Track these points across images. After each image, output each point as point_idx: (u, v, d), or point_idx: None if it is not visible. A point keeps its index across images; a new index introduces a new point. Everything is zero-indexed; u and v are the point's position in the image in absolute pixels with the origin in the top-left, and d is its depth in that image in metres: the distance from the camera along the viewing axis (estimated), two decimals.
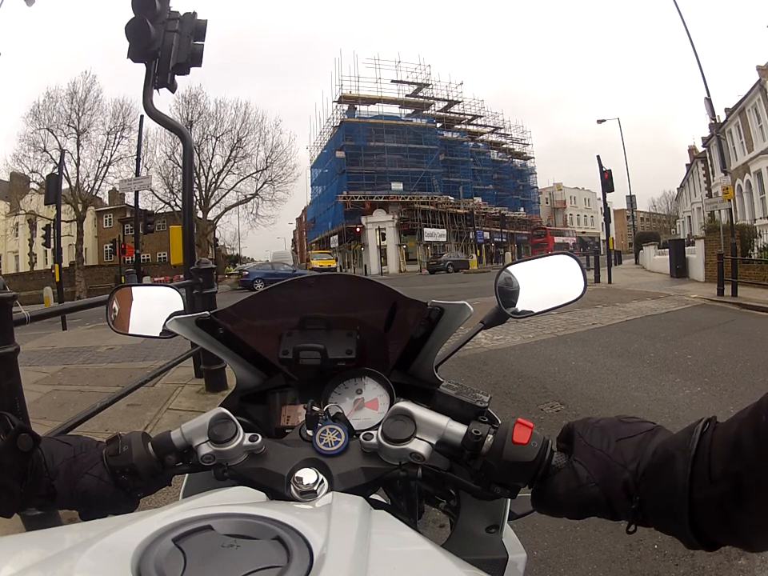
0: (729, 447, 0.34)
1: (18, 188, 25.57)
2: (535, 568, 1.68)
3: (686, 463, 0.36)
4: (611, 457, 0.42)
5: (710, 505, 0.34)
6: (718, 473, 0.34)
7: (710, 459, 0.35)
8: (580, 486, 0.42)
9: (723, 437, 0.35)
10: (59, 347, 6.79)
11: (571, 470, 0.44)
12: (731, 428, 0.34)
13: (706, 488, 0.34)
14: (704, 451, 0.35)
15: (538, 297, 0.82)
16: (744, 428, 0.33)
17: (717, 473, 0.34)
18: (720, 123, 16.11)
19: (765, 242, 10.74)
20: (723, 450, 0.34)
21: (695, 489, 0.35)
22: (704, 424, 0.37)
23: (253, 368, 0.74)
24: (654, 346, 5.13)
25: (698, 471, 0.35)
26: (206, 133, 29.36)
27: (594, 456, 0.43)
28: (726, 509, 0.34)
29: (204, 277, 3.82)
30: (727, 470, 0.33)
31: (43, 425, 2.69)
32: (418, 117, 34.25)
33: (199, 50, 3.87)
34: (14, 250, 32.01)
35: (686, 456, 0.36)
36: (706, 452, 0.35)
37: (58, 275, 11.25)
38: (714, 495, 0.34)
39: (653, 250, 18.35)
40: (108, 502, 0.50)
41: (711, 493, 0.34)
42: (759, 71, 17.64)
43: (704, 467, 0.35)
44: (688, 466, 0.35)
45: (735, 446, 0.33)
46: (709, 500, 0.34)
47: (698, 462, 0.35)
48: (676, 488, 0.36)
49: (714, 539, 0.36)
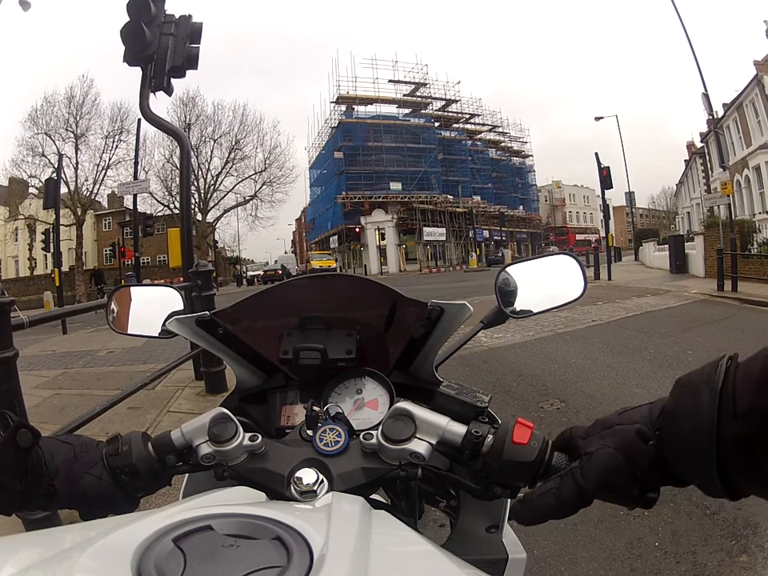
0: (754, 382, 0.32)
1: (16, 193, 25.51)
2: (535, 567, 1.67)
3: (712, 396, 0.34)
4: (618, 422, 0.41)
5: (735, 443, 0.33)
6: (744, 408, 0.32)
7: (734, 395, 0.33)
8: (590, 453, 0.40)
9: (747, 372, 0.33)
10: (60, 351, 6.79)
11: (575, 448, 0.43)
12: (755, 363, 0.33)
13: (731, 424, 0.33)
14: (729, 386, 0.34)
15: (538, 296, 0.82)
16: None
17: (743, 408, 0.32)
18: (718, 119, 16.13)
19: (764, 237, 10.74)
20: (748, 385, 0.33)
21: (721, 424, 0.33)
22: (728, 359, 0.35)
23: (253, 368, 0.74)
24: (654, 342, 5.13)
25: (723, 406, 0.33)
26: (204, 135, 29.35)
27: (600, 428, 0.42)
28: (752, 447, 0.32)
29: (203, 279, 3.82)
30: (753, 405, 0.32)
31: (44, 429, 2.67)
32: (415, 116, 34.26)
33: (195, 52, 3.88)
34: (14, 254, 31.98)
35: (713, 388, 0.34)
36: (731, 387, 0.34)
37: (57, 279, 11.25)
38: (739, 432, 0.32)
39: (652, 246, 18.37)
40: (108, 502, 0.50)
41: (737, 429, 0.32)
42: (756, 66, 17.65)
43: (729, 403, 0.33)
44: (716, 399, 0.34)
45: (761, 381, 0.32)
46: (735, 438, 0.33)
47: (723, 396, 0.34)
48: (702, 424, 0.34)
49: (739, 484, 0.34)
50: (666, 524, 1.87)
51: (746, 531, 1.79)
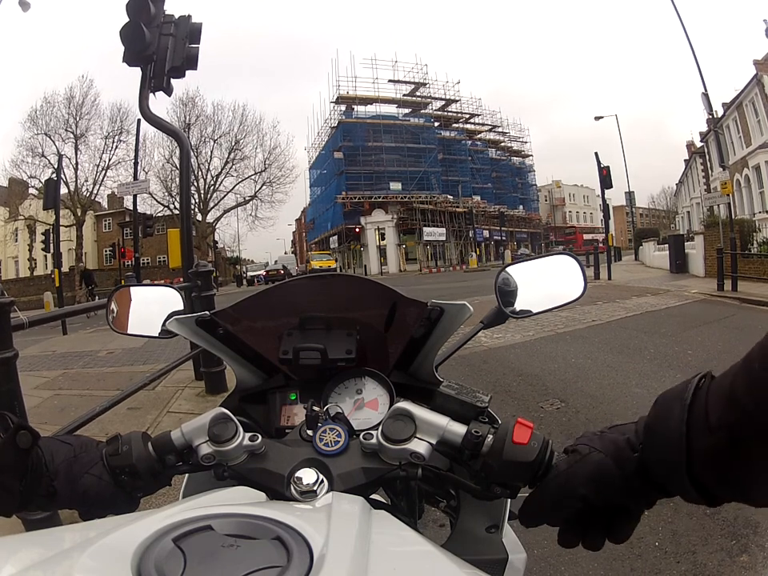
0: (724, 398, 0.34)
1: (16, 193, 25.54)
2: (536, 567, 1.67)
3: (682, 410, 0.36)
4: (610, 432, 0.43)
5: (707, 455, 0.35)
6: (715, 423, 0.34)
7: (706, 409, 0.35)
8: (583, 456, 0.43)
9: (718, 388, 0.35)
10: (60, 352, 6.79)
11: (572, 452, 0.44)
12: (726, 379, 0.35)
13: (703, 438, 0.35)
14: (701, 402, 0.36)
15: (538, 296, 0.82)
16: (738, 378, 0.33)
17: (713, 423, 0.34)
18: (718, 118, 16.13)
19: (764, 237, 10.72)
20: (719, 400, 0.35)
21: (693, 438, 0.35)
22: (700, 378, 0.38)
23: (253, 368, 0.74)
24: (654, 341, 5.13)
25: (695, 421, 0.36)
26: (204, 135, 29.42)
27: (591, 438, 0.44)
28: (723, 459, 0.34)
29: (202, 279, 3.82)
30: (723, 419, 0.34)
31: (44, 429, 2.68)
32: (415, 116, 34.24)
33: (194, 53, 3.88)
34: (14, 255, 31.99)
35: (683, 404, 0.36)
36: (703, 403, 0.36)
37: (57, 280, 11.25)
38: (711, 445, 0.34)
39: (652, 245, 18.35)
40: (108, 502, 0.50)
41: (708, 443, 0.34)
42: (756, 65, 17.64)
43: (701, 417, 0.35)
44: (684, 413, 0.36)
45: (730, 396, 0.34)
46: (707, 450, 0.35)
47: (694, 411, 0.36)
48: (673, 436, 0.36)
49: (713, 492, 0.36)
50: (666, 524, 1.87)
51: (746, 531, 1.79)
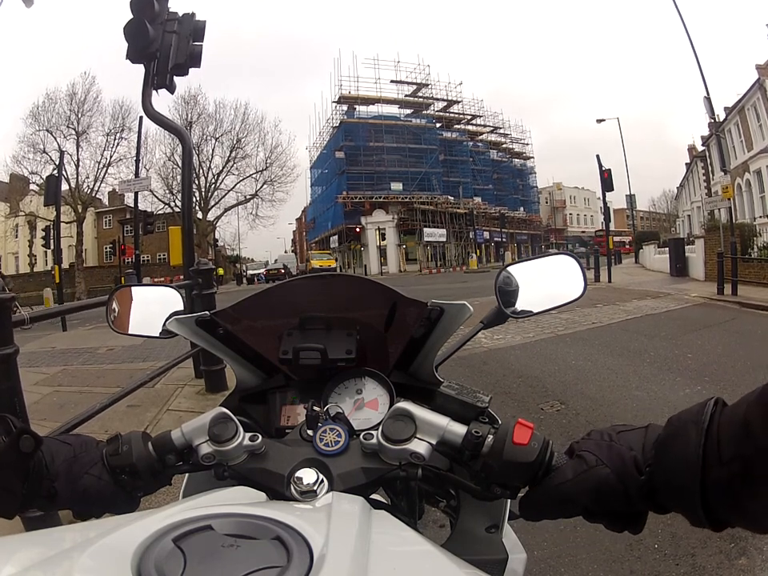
0: (737, 428, 0.34)
1: (17, 189, 25.53)
2: (535, 568, 1.67)
3: (699, 435, 0.36)
4: (616, 442, 0.42)
5: (720, 485, 0.34)
6: (727, 453, 0.34)
7: (718, 438, 0.35)
8: (589, 468, 0.42)
9: (732, 418, 0.35)
10: (59, 348, 6.79)
11: (578, 459, 0.44)
12: (739, 409, 0.34)
13: (717, 468, 0.34)
14: (713, 430, 0.35)
15: (538, 297, 0.82)
16: (752, 410, 0.33)
17: (727, 454, 0.34)
18: (719, 122, 16.11)
19: (765, 241, 10.74)
20: (732, 430, 0.34)
21: (707, 467, 0.35)
22: (714, 403, 0.37)
23: (253, 368, 0.74)
24: (654, 344, 5.13)
25: (709, 449, 0.35)
26: (206, 133, 29.40)
27: (599, 445, 0.43)
28: (735, 490, 0.34)
29: (203, 277, 3.82)
30: (737, 451, 0.33)
31: (44, 426, 2.68)
32: (417, 117, 34.19)
33: (198, 50, 3.88)
34: (14, 251, 31.99)
35: (699, 428, 0.36)
36: (715, 432, 0.35)
37: (57, 276, 11.26)
38: (724, 476, 0.34)
39: (653, 248, 18.36)
40: (108, 502, 0.50)
41: (722, 473, 0.34)
42: (758, 70, 17.63)
43: (714, 448, 0.35)
44: (702, 438, 0.35)
45: (744, 428, 0.33)
46: (719, 480, 0.34)
47: (709, 439, 0.35)
48: (689, 459, 0.36)
49: (722, 519, 0.36)
50: (665, 526, 1.87)
51: (744, 534, 1.79)
